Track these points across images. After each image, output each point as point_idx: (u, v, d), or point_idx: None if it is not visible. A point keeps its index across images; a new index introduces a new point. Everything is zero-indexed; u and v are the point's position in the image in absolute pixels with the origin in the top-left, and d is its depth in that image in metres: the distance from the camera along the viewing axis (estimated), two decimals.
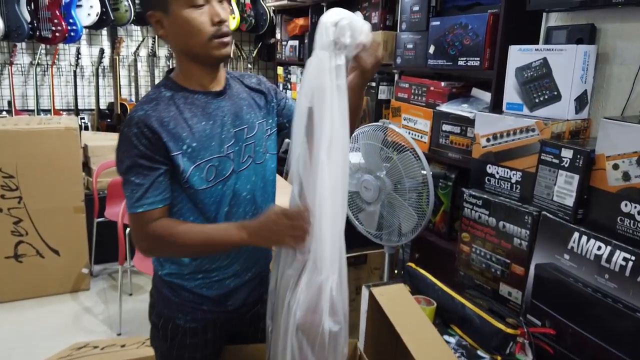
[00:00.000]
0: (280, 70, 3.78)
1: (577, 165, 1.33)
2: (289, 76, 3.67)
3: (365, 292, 1.51)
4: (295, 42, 3.47)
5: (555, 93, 1.51)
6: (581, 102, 1.50)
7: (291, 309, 1.03)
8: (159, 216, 1.07)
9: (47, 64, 3.85)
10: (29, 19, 3.46)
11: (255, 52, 4.44)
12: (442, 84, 2.07)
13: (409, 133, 2.18)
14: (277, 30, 3.80)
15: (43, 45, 3.74)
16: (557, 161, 1.39)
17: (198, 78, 1.12)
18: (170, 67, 4.19)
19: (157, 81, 4.20)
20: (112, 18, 3.72)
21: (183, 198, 1.11)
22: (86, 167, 3.21)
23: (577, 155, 1.33)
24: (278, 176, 1.37)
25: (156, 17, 1.08)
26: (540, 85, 1.55)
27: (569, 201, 1.35)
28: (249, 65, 4.37)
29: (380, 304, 1.25)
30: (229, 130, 1.13)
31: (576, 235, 1.32)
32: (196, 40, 1.05)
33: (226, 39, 1.08)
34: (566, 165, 1.36)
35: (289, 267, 1.07)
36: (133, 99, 4.13)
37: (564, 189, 1.37)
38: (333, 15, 1.04)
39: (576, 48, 1.44)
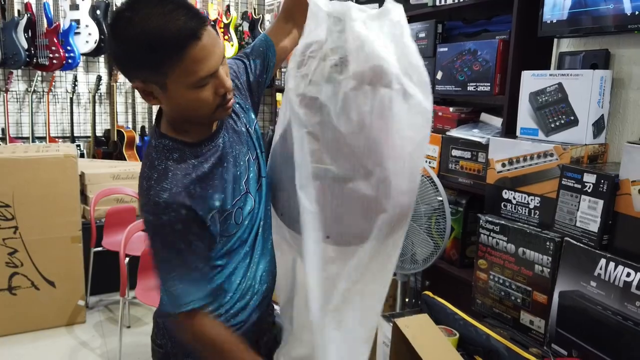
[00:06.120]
0: (279, 96, 3.78)
1: (601, 191, 1.31)
2: None
3: (386, 324, 1.46)
4: None
5: (572, 118, 1.50)
6: (598, 126, 1.49)
7: None
8: (204, 314, 1.01)
9: (43, 91, 3.81)
10: (26, 45, 3.43)
11: None
12: (451, 109, 2.06)
13: None
14: None
15: (39, 72, 3.71)
16: (579, 186, 1.37)
17: (196, 132, 1.02)
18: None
19: (154, 109, 4.19)
20: None
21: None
22: (82, 195, 3.14)
23: (600, 180, 1.31)
24: None
25: (146, 88, 0.94)
26: (556, 110, 1.54)
27: (594, 227, 1.33)
28: None
29: (406, 336, 1.20)
30: (241, 163, 1.08)
31: (603, 261, 1.29)
32: (199, 113, 0.97)
33: (230, 103, 0.99)
34: (589, 191, 1.34)
35: None
36: (130, 126, 4.08)
37: (588, 214, 1.35)
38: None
39: (592, 73, 1.44)
